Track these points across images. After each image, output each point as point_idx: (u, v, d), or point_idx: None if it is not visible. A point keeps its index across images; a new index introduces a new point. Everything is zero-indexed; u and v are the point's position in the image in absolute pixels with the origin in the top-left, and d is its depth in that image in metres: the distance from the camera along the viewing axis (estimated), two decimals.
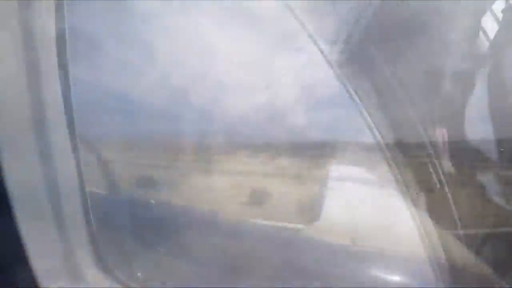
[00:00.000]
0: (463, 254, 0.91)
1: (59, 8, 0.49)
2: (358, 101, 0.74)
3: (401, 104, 0.74)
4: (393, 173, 0.74)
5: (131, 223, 0.75)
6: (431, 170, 0.71)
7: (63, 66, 0.51)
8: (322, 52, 0.72)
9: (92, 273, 0.53)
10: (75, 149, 0.56)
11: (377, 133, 0.73)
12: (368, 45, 0.75)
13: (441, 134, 0.72)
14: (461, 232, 0.71)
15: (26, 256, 0.45)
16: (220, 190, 0.82)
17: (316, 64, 0.75)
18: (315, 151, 0.79)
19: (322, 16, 0.76)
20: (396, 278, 0.68)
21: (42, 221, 0.49)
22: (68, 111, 0.54)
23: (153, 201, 0.83)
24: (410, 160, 0.75)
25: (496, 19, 0.69)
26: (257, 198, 0.82)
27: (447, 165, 0.72)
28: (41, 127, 0.49)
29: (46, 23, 0.48)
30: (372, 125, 0.73)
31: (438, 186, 0.72)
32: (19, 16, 0.44)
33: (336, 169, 0.79)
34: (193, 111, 0.78)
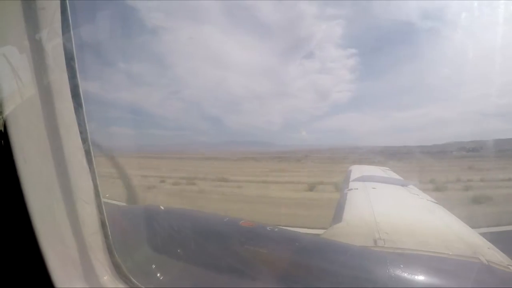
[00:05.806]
0: (489, 253, 0.85)
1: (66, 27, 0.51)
2: None
3: None
4: None
5: (145, 230, 0.75)
6: None
7: (74, 82, 0.54)
8: None
9: (107, 277, 0.55)
10: (90, 160, 0.58)
11: None
12: None
13: None
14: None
15: (44, 261, 0.46)
16: None
17: None
18: None
19: None
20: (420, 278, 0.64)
21: (60, 230, 0.51)
22: (82, 125, 0.56)
23: (162, 208, 0.83)
24: None
25: None
26: None
27: None
28: (57, 140, 0.52)
29: (55, 42, 0.50)
30: None
31: None
32: (29, 36, 0.47)
33: None
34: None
